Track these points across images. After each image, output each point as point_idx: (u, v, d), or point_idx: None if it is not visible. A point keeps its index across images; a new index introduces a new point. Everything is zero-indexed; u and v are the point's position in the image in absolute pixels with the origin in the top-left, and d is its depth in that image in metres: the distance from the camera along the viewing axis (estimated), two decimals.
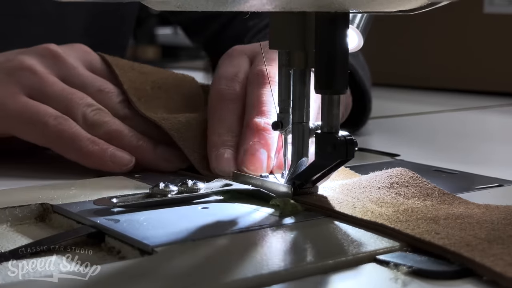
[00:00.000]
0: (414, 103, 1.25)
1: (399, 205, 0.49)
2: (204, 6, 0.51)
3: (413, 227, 0.44)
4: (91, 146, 0.62)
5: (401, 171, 0.55)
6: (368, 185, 0.54)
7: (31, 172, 0.64)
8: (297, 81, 0.53)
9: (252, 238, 0.45)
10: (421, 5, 0.46)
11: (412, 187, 0.53)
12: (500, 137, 0.93)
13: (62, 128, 0.62)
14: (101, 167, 0.62)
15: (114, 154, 0.62)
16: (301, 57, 0.53)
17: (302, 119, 0.53)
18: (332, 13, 0.47)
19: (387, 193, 0.52)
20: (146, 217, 0.48)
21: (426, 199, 0.51)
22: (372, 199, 0.51)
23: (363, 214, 0.47)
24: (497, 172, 0.62)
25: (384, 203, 0.50)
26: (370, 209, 0.48)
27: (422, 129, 0.99)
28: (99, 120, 0.64)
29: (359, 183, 0.54)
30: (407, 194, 0.52)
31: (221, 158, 0.61)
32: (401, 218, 0.46)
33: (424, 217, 0.47)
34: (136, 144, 0.64)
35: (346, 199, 0.51)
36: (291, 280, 0.39)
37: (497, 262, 0.39)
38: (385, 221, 0.46)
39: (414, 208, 0.49)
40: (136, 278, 0.38)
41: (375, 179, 0.54)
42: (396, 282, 0.38)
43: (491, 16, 1.29)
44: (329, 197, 0.52)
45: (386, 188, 0.53)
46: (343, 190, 0.53)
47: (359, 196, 0.52)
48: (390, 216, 0.47)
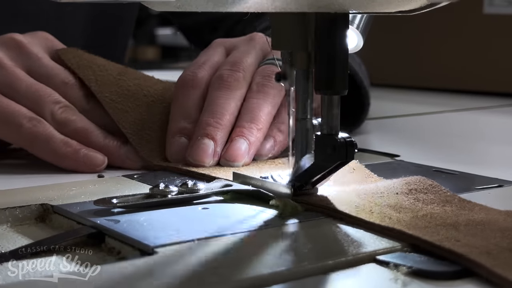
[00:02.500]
0: (414, 103, 1.24)
1: (418, 211, 0.48)
2: (204, 7, 0.51)
3: (432, 233, 0.43)
4: (65, 148, 0.64)
5: (420, 179, 0.54)
6: (385, 190, 0.52)
7: (31, 172, 0.64)
8: (300, 81, 0.53)
9: (252, 238, 0.45)
10: (421, 6, 0.46)
11: (431, 193, 0.52)
12: (500, 137, 0.93)
13: (36, 130, 0.64)
14: (76, 169, 0.64)
15: (87, 155, 0.64)
16: (303, 58, 0.53)
17: (305, 115, 0.53)
18: (332, 13, 0.47)
19: (405, 199, 0.51)
20: (146, 217, 0.48)
21: (445, 205, 0.50)
22: (390, 204, 0.50)
23: (380, 219, 0.46)
24: (497, 172, 0.62)
25: (402, 208, 0.49)
26: (388, 214, 0.47)
27: (422, 129, 0.99)
28: (66, 118, 0.65)
29: (376, 188, 0.53)
30: (426, 200, 0.50)
31: (174, 145, 0.65)
32: (419, 224, 0.45)
33: (444, 223, 0.45)
34: (102, 143, 0.65)
35: (364, 203, 0.50)
36: (291, 280, 0.39)
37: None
38: (403, 227, 0.44)
39: (433, 214, 0.47)
40: (136, 278, 0.38)
41: (393, 185, 0.53)
42: (396, 283, 0.38)
43: (491, 16, 1.29)
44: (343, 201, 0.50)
45: (404, 194, 0.52)
46: (360, 194, 0.52)
47: (377, 201, 0.50)
48: (408, 222, 0.45)
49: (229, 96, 0.66)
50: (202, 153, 0.63)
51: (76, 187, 0.57)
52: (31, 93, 0.65)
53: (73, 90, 0.67)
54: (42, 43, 0.70)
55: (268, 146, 0.66)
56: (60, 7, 0.94)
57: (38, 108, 0.65)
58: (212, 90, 0.66)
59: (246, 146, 0.63)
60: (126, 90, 0.68)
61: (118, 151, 0.65)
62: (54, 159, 0.64)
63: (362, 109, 0.86)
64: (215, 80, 0.67)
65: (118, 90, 0.68)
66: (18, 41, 0.68)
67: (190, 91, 0.67)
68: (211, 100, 0.66)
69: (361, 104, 0.86)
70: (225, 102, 0.65)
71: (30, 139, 0.64)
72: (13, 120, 0.64)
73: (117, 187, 0.57)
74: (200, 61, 0.70)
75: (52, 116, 0.65)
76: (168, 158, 0.65)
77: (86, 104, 0.67)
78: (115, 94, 0.68)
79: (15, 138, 0.65)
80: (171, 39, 3.70)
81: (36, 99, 0.65)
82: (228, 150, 0.63)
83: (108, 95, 0.67)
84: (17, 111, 0.64)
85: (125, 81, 0.69)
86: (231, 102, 0.65)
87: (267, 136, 0.66)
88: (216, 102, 0.65)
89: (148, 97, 0.69)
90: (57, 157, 0.64)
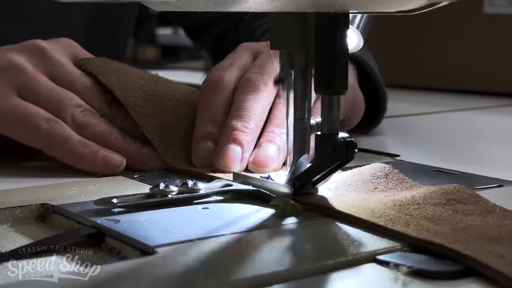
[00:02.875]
0: (414, 103, 1.24)
1: (457, 223, 0.45)
2: (204, 7, 0.51)
3: (474, 248, 0.40)
4: (82, 148, 0.63)
5: (458, 187, 0.51)
6: (422, 201, 0.49)
7: (31, 172, 0.64)
8: (298, 81, 0.53)
9: (252, 238, 0.45)
10: (421, 6, 0.46)
11: (471, 204, 0.49)
12: (500, 137, 0.93)
13: (54, 131, 0.63)
14: (94, 170, 0.63)
15: (106, 156, 0.63)
16: (302, 58, 0.53)
17: (303, 115, 0.53)
18: (332, 13, 0.47)
19: (443, 210, 0.48)
20: (146, 217, 0.48)
21: (486, 216, 0.47)
22: (427, 216, 0.47)
23: (417, 232, 0.43)
24: (497, 172, 0.62)
25: (440, 220, 0.46)
26: (425, 226, 0.44)
27: (422, 129, 0.99)
28: (87, 121, 0.64)
29: (412, 199, 0.50)
30: (465, 211, 0.47)
31: (200, 150, 0.63)
32: (459, 237, 0.42)
33: (485, 236, 0.42)
34: (123, 145, 0.64)
35: (399, 215, 0.47)
36: (291, 280, 0.39)
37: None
38: (443, 240, 0.42)
39: (474, 225, 0.45)
40: (136, 278, 0.38)
41: (430, 195, 0.50)
42: (396, 282, 0.38)
43: (491, 16, 1.29)
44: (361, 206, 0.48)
45: (442, 205, 0.49)
46: (395, 206, 0.49)
47: (413, 213, 0.47)
48: (447, 235, 0.43)
49: (257, 100, 0.63)
50: (229, 158, 0.61)
51: (76, 187, 0.57)
52: (52, 97, 0.65)
53: (95, 95, 0.67)
54: (65, 50, 0.69)
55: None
56: (61, 7, 0.95)
57: (59, 112, 0.64)
58: (239, 93, 0.64)
59: (275, 151, 0.61)
60: (150, 95, 0.67)
61: (139, 152, 0.65)
62: (72, 160, 0.63)
63: (378, 112, 0.86)
64: (243, 83, 0.65)
65: (143, 95, 0.67)
66: (41, 47, 0.68)
67: (216, 94, 0.65)
68: (238, 103, 0.64)
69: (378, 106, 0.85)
70: (253, 105, 0.63)
71: (47, 140, 0.63)
72: (30, 121, 0.63)
73: (117, 187, 0.57)
74: (227, 64, 0.68)
75: (73, 119, 0.64)
76: (194, 163, 0.63)
77: (107, 109, 0.67)
78: (140, 99, 0.67)
79: (33, 140, 0.64)
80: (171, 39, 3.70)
81: (57, 103, 0.64)
82: (258, 156, 0.61)
83: (132, 99, 0.66)
84: (35, 113, 0.64)
85: (149, 86, 0.68)
86: (258, 106, 0.63)
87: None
88: (243, 105, 0.63)
89: (173, 101, 0.68)
90: (74, 158, 0.63)
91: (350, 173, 0.55)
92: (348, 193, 0.53)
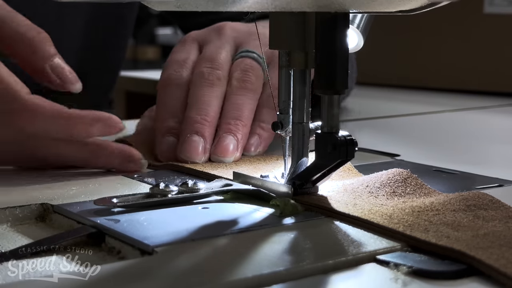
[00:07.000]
0: (414, 103, 1.25)
1: (478, 229, 0.44)
2: (204, 6, 0.51)
3: (497, 256, 0.39)
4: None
5: (479, 194, 0.50)
6: (441, 207, 0.48)
7: (31, 172, 0.64)
8: (297, 81, 0.53)
9: (252, 238, 0.45)
10: (421, 5, 0.46)
11: (492, 210, 0.48)
12: (500, 137, 0.93)
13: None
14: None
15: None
16: (301, 57, 0.53)
17: (302, 119, 0.53)
18: (332, 13, 0.47)
19: (464, 216, 0.47)
20: (146, 217, 0.48)
21: (509, 222, 0.46)
22: (447, 222, 0.45)
23: (437, 239, 0.42)
24: (497, 172, 0.62)
25: (461, 226, 0.45)
26: (445, 233, 0.43)
27: (422, 129, 0.99)
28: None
29: (431, 205, 0.49)
30: (486, 217, 0.46)
31: (164, 144, 0.66)
32: (481, 244, 0.41)
33: (509, 243, 0.41)
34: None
35: (418, 221, 0.46)
36: (291, 280, 0.39)
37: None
38: (464, 247, 0.41)
39: (496, 232, 0.43)
40: (136, 278, 0.38)
41: (449, 201, 0.49)
42: (396, 282, 0.38)
43: (491, 16, 1.29)
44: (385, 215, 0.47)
45: (462, 211, 0.47)
46: (414, 212, 0.48)
47: (432, 219, 0.46)
48: (468, 242, 0.41)
49: (212, 94, 0.67)
50: (193, 150, 0.64)
51: (76, 187, 0.57)
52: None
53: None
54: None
55: (254, 143, 0.67)
56: (61, 7, 0.95)
57: None
58: (194, 87, 0.68)
59: (234, 142, 0.65)
60: None
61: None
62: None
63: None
64: (197, 77, 0.69)
65: None
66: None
67: (175, 91, 0.69)
68: (195, 97, 0.67)
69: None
70: (209, 99, 0.67)
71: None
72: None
73: (117, 187, 0.57)
74: (181, 59, 0.72)
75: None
76: (158, 157, 0.66)
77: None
78: None
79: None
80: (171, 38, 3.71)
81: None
82: (218, 147, 0.65)
83: None
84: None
85: None
86: (214, 99, 0.67)
87: (251, 133, 0.68)
88: (201, 99, 0.67)
89: None
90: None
91: (368, 177, 0.55)
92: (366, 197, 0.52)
